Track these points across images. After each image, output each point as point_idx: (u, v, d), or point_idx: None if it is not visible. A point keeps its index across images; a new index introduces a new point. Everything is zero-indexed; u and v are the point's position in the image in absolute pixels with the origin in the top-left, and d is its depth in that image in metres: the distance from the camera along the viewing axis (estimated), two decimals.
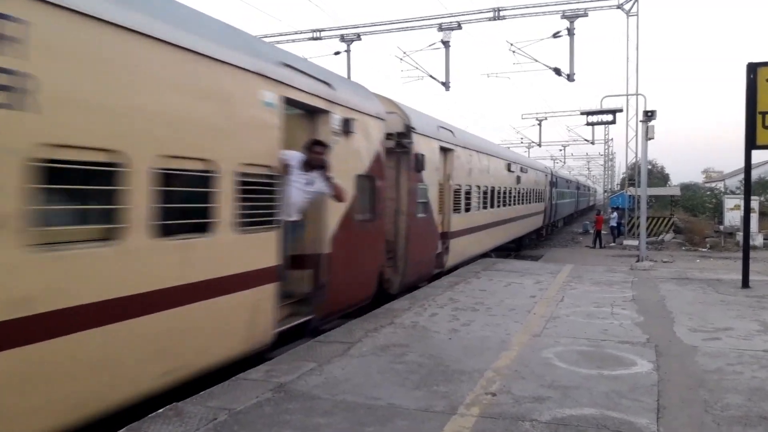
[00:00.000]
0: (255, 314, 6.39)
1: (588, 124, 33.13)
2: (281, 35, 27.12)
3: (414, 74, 28.48)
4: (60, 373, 4.21)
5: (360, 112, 9.07)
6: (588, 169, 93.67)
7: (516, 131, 59.81)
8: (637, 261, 18.10)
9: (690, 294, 11.86)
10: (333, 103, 8.14)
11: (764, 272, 15.49)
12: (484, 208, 17.84)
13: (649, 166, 38.02)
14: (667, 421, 5.01)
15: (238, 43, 6.44)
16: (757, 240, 25.58)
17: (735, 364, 6.78)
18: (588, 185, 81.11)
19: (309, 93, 7.52)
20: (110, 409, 4.67)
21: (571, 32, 23.78)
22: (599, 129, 52.75)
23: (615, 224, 31.29)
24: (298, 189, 7.16)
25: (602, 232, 29.55)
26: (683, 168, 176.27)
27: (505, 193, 20.78)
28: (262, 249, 6.49)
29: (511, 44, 26.54)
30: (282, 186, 6.94)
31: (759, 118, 12.39)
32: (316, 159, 7.28)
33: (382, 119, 10.13)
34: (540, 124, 52.82)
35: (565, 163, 78.33)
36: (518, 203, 23.79)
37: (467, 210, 15.82)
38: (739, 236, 23.27)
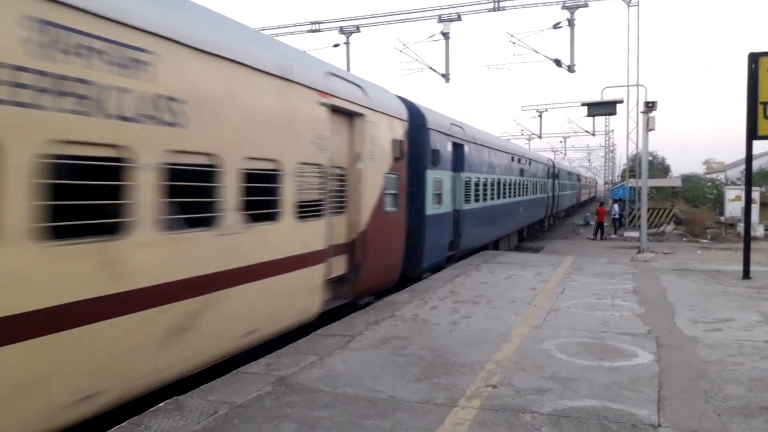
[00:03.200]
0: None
1: (589, 115, 32.92)
2: (280, 28, 27.02)
3: (414, 66, 28.43)
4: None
5: None
6: (589, 160, 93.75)
7: (516, 123, 59.64)
8: (638, 252, 18.08)
9: (691, 285, 11.85)
10: None
11: (765, 263, 15.47)
12: None
13: (650, 158, 37.95)
14: (668, 412, 5.01)
15: None
16: (758, 231, 25.55)
17: (736, 354, 6.78)
18: (577, 172, 59.77)
19: None
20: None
21: (571, 23, 23.67)
22: (600, 120, 52.82)
23: (616, 216, 31.20)
24: None
25: (604, 223, 29.48)
26: (684, 159, 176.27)
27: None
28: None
29: (512, 35, 26.46)
30: None
31: (760, 108, 12.34)
32: None
33: None
34: (540, 116, 52.79)
35: (566, 154, 78.23)
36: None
37: None
38: (740, 227, 23.26)
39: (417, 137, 12.09)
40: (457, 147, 15.05)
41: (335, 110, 8.34)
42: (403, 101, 11.84)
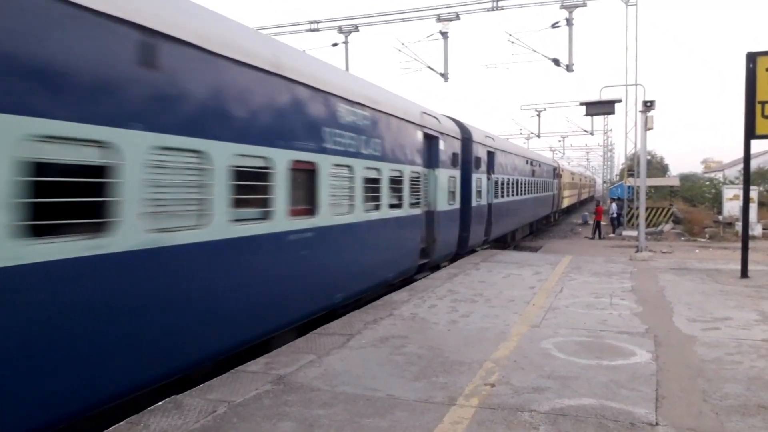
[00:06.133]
0: None
1: (587, 114, 32.76)
2: (279, 27, 26.99)
3: (413, 65, 28.45)
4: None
5: None
6: (587, 159, 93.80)
7: (515, 122, 59.75)
8: (636, 251, 18.10)
9: (689, 284, 11.87)
10: None
11: (763, 262, 15.50)
12: None
13: (649, 157, 37.93)
14: (665, 411, 5.02)
15: None
16: (756, 230, 25.56)
17: (734, 353, 6.79)
18: (554, 164, 40.09)
19: None
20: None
21: (570, 22, 23.67)
22: (598, 119, 52.84)
23: (615, 215, 31.29)
24: None
25: (602, 222, 29.51)
26: (682, 158, 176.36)
27: None
28: None
29: (510, 35, 26.45)
30: None
31: (758, 107, 12.36)
32: None
33: None
34: (539, 115, 52.78)
35: (564, 153, 78.21)
36: None
37: None
38: (738, 226, 23.27)
39: None
40: None
41: None
42: None
